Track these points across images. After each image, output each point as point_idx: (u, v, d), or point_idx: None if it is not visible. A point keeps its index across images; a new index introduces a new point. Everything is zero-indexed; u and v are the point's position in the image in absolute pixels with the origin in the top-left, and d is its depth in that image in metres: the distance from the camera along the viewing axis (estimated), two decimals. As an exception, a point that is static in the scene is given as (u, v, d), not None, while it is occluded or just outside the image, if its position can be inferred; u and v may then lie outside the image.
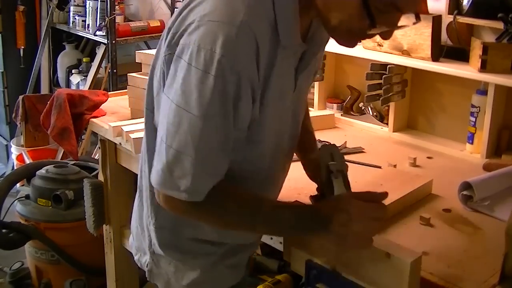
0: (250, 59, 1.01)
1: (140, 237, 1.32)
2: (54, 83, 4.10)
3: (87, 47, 4.19)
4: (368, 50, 2.02)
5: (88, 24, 3.47)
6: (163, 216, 1.22)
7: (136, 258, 1.36)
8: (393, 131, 2.02)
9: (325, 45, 1.29)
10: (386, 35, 1.07)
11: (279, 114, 1.15)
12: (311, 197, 1.28)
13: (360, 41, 1.10)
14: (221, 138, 1.04)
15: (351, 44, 1.11)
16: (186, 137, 1.02)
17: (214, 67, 0.98)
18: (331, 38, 1.14)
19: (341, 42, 1.10)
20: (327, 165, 1.22)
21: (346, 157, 1.77)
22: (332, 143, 1.30)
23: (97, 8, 3.35)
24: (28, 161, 3.39)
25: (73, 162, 2.76)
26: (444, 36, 1.90)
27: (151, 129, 1.18)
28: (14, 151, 3.64)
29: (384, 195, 1.14)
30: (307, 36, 1.14)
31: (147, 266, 1.31)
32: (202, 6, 1.03)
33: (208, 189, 1.06)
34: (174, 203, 1.09)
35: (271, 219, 1.12)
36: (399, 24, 1.05)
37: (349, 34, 1.06)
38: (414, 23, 1.09)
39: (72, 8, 3.68)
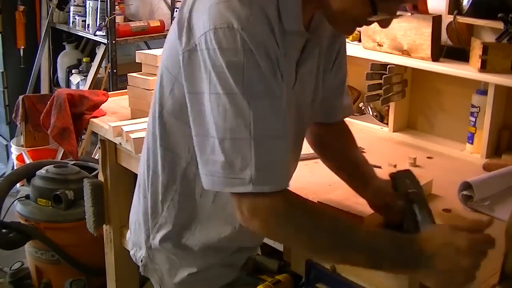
0: (267, 32, 0.99)
1: (138, 232, 1.32)
2: (54, 83, 4.10)
3: (87, 47, 4.19)
4: (368, 50, 2.02)
5: (88, 24, 3.47)
6: (174, 211, 1.22)
7: (131, 253, 1.35)
8: (393, 131, 2.02)
9: (337, 47, 1.28)
10: (385, 24, 1.07)
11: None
12: (381, 226, 1.21)
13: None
14: (276, 118, 1.00)
15: (350, 31, 1.12)
16: (237, 120, 0.97)
17: (238, 41, 0.96)
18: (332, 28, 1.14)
19: (340, 29, 1.12)
20: (406, 193, 1.14)
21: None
22: (406, 169, 1.24)
23: (97, 8, 3.36)
24: (28, 161, 3.39)
25: (73, 162, 2.76)
26: (444, 36, 1.90)
27: (163, 124, 1.16)
28: (14, 151, 3.64)
29: (490, 222, 1.06)
30: (310, 27, 1.14)
31: (141, 261, 1.30)
32: None
33: (276, 179, 1.00)
34: (259, 213, 1.00)
35: (368, 244, 1.01)
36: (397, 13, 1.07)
37: (349, 21, 1.07)
38: (412, 14, 1.09)
39: (72, 8, 3.68)
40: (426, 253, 0.99)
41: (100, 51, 3.53)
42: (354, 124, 2.11)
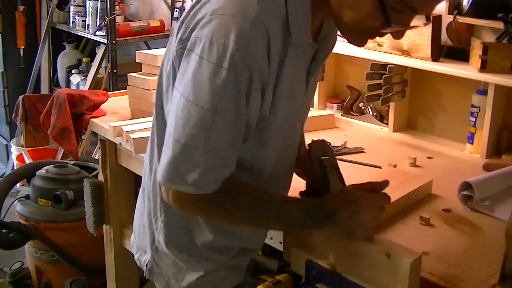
0: (262, 54, 1.00)
1: (142, 235, 1.31)
2: (54, 83, 4.10)
3: (87, 47, 4.19)
4: (368, 50, 2.02)
5: (88, 24, 3.47)
6: (173, 214, 1.22)
7: (136, 257, 1.35)
8: (393, 131, 2.02)
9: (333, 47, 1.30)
10: (398, 35, 1.07)
11: (289, 115, 1.14)
12: (301, 192, 1.28)
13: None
14: (232, 133, 1.03)
15: (362, 43, 1.11)
16: (196, 131, 1.01)
17: (227, 60, 0.97)
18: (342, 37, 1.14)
19: (352, 40, 1.10)
20: (320, 160, 1.22)
21: (346, 157, 1.78)
22: (321, 139, 1.30)
23: (97, 8, 3.35)
24: (28, 161, 3.39)
25: (73, 162, 2.76)
26: (444, 36, 1.90)
27: (161, 125, 1.17)
28: (14, 151, 3.64)
29: (385, 183, 1.16)
30: (319, 35, 1.14)
31: (147, 265, 1.30)
32: (215, 0, 1.03)
33: (216, 183, 1.05)
34: (183, 200, 1.07)
35: (280, 214, 1.11)
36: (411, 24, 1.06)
37: (362, 33, 1.06)
38: (425, 24, 1.09)
39: (72, 8, 3.68)
40: (330, 212, 1.09)
41: (100, 51, 3.53)
42: (354, 124, 2.11)
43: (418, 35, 1.86)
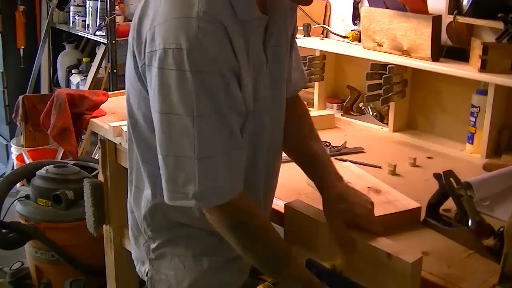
0: (220, 44, 0.99)
1: (137, 246, 1.31)
2: (54, 83, 4.10)
3: (87, 47, 4.19)
4: (368, 50, 2.02)
5: (88, 24, 3.47)
6: (158, 224, 1.21)
7: (137, 269, 1.34)
8: (393, 131, 2.02)
9: (291, 12, 1.25)
10: None
11: (256, 95, 1.11)
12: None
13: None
14: (220, 134, 1.01)
15: (308, 1, 1.11)
16: (181, 139, 0.99)
17: (186, 63, 0.96)
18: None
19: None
20: (454, 189, 1.31)
21: (346, 157, 1.77)
22: (449, 169, 1.36)
23: (97, 8, 3.36)
24: (28, 161, 3.39)
25: (73, 162, 2.76)
26: (444, 36, 1.90)
27: (136, 137, 1.17)
28: (14, 151, 3.64)
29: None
30: (266, 7, 1.12)
31: (147, 275, 1.29)
32: (151, 10, 1.02)
33: (220, 193, 1.03)
34: (214, 218, 1.09)
35: (291, 279, 1.15)
36: None
37: None
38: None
39: (72, 8, 3.68)
40: None
41: (100, 51, 3.53)
42: (354, 124, 2.11)
43: (418, 35, 1.86)
